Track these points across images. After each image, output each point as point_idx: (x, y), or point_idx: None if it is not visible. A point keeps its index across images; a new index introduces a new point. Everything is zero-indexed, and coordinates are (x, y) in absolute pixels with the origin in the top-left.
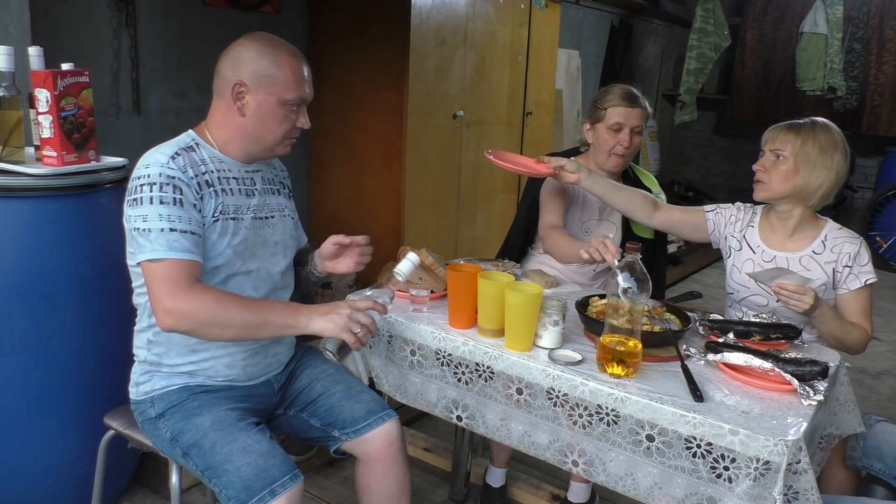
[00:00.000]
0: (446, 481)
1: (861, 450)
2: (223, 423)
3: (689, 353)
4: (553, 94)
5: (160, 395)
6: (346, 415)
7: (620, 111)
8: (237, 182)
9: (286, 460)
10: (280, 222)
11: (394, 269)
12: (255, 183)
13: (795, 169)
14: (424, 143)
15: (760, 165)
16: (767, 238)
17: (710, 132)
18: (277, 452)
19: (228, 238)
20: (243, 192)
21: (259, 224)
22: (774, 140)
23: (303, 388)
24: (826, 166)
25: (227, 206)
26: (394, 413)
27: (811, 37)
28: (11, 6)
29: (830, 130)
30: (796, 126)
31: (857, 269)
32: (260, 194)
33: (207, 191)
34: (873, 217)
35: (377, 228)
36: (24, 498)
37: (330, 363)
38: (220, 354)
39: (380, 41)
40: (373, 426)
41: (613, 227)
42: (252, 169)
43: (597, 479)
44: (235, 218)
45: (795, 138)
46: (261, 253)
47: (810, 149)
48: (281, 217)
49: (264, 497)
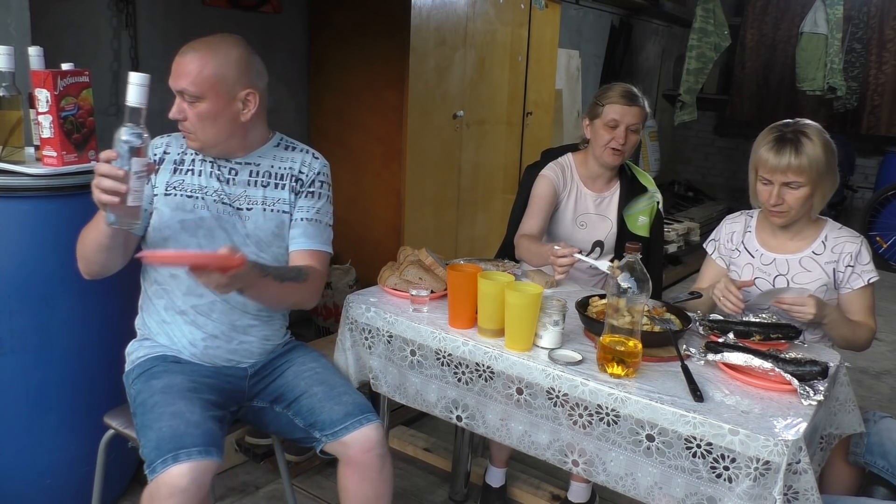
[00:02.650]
0: (446, 481)
1: (864, 447)
2: (172, 389)
3: (689, 353)
4: (553, 94)
5: (140, 363)
6: (326, 416)
7: (617, 108)
8: (211, 166)
9: (209, 436)
10: (259, 216)
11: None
12: (237, 174)
13: (812, 191)
14: (424, 143)
15: (779, 198)
16: (766, 241)
17: (710, 132)
18: (207, 427)
19: (181, 213)
20: (213, 177)
21: (226, 210)
22: (786, 171)
23: (287, 383)
24: (832, 170)
25: (187, 183)
26: (374, 417)
27: (811, 37)
28: (11, 6)
29: (818, 131)
30: (794, 146)
31: (859, 269)
32: (239, 185)
33: (168, 167)
34: (873, 217)
35: (377, 228)
36: (23, 498)
37: (318, 361)
38: (184, 332)
39: (380, 41)
40: (350, 429)
41: (609, 222)
42: (243, 160)
43: (597, 479)
44: (193, 196)
45: (807, 162)
46: (223, 239)
47: (821, 166)
48: (264, 211)
49: (167, 460)
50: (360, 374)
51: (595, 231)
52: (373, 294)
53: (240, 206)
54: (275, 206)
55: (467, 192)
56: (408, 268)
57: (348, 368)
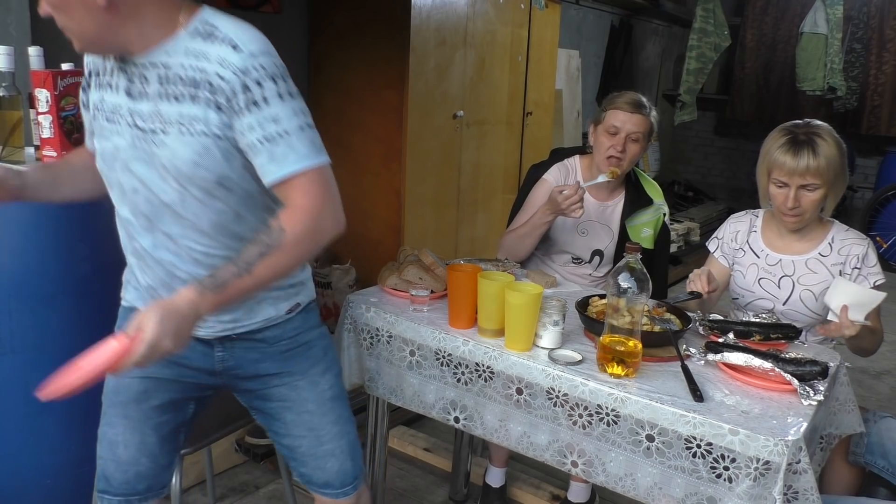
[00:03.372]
0: (446, 481)
1: (864, 446)
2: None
3: (689, 353)
4: (553, 94)
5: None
6: (307, 470)
7: (619, 115)
8: (125, 76)
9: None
10: (177, 142)
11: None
12: (147, 82)
13: (826, 192)
14: (424, 143)
15: (796, 202)
16: (772, 242)
17: (710, 132)
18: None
19: (102, 141)
20: (123, 91)
21: (140, 136)
22: (804, 174)
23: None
24: (845, 170)
25: (106, 103)
26: (354, 489)
27: (811, 37)
28: (11, 6)
29: (830, 132)
30: (811, 148)
31: (865, 271)
32: (151, 98)
33: (94, 80)
34: (873, 217)
35: (377, 228)
36: (23, 497)
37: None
38: (138, 295)
39: (380, 41)
40: (327, 497)
41: (610, 231)
42: (146, 60)
43: (597, 479)
44: (111, 120)
45: (825, 164)
46: (143, 174)
47: (837, 167)
48: (182, 134)
49: (101, 496)
50: (355, 376)
51: (595, 239)
52: (373, 294)
53: (153, 128)
54: (191, 125)
55: (467, 192)
56: (408, 268)
57: (344, 369)
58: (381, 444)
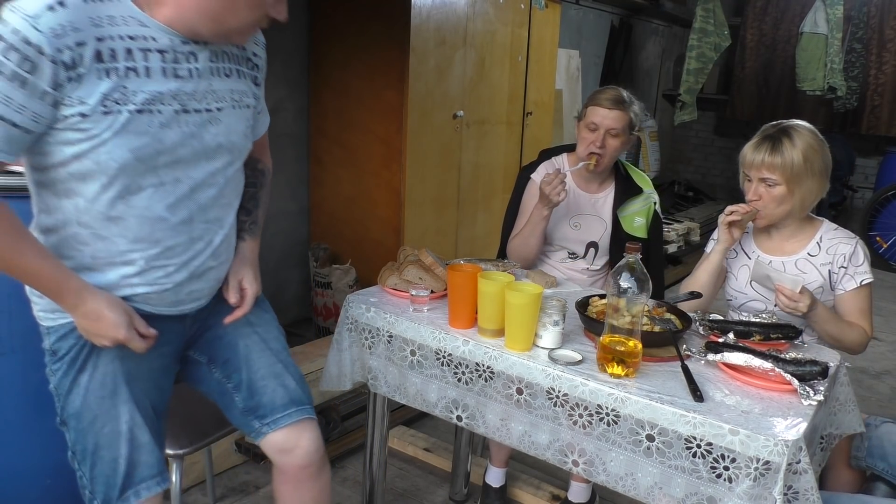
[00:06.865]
0: (446, 481)
1: (865, 450)
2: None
3: (689, 353)
4: (553, 94)
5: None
6: (268, 398)
7: (598, 111)
8: (161, 58)
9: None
10: (232, 116)
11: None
12: (197, 60)
13: (790, 191)
14: (424, 143)
15: (755, 195)
16: (763, 243)
17: (710, 132)
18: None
19: (129, 138)
20: (169, 74)
21: (194, 120)
22: (760, 167)
23: (219, 339)
24: (814, 173)
25: (135, 92)
26: (313, 412)
27: (811, 37)
28: None
29: (805, 133)
30: (772, 144)
31: (852, 270)
32: (201, 76)
33: (95, 67)
34: (873, 217)
35: (377, 228)
36: (23, 498)
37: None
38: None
39: (380, 41)
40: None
41: (603, 222)
42: (195, 42)
43: (597, 479)
44: (146, 110)
45: (780, 160)
46: (189, 159)
47: (797, 166)
48: (233, 109)
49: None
50: (356, 375)
51: (589, 232)
52: (373, 294)
53: (206, 107)
54: (242, 100)
55: (467, 192)
56: (408, 268)
57: (344, 368)
58: (381, 444)
